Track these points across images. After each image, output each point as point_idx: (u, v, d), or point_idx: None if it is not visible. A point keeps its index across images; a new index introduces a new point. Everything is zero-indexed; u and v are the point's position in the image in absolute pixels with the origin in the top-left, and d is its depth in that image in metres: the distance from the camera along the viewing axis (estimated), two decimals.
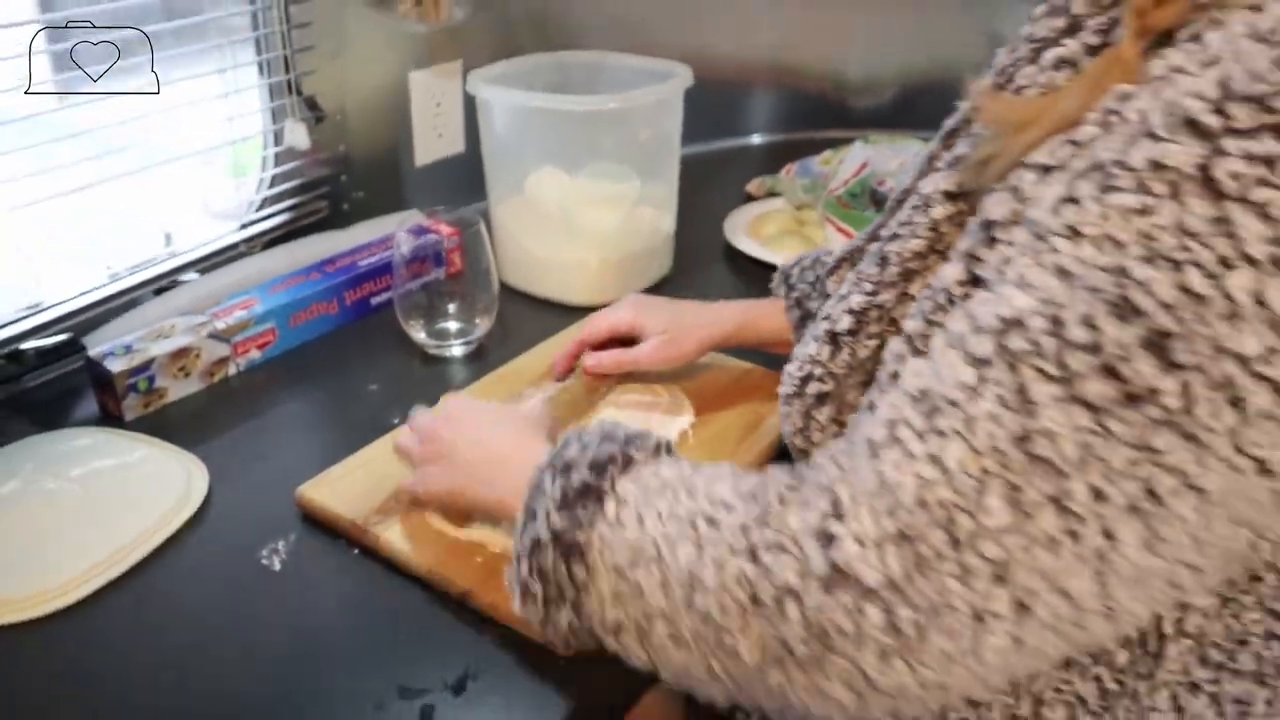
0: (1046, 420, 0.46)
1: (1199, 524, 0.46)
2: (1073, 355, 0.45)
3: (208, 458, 0.91)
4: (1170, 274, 0.43)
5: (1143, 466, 0.45)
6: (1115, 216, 0.45)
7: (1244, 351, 0.42)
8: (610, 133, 1.19)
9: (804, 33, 1.67)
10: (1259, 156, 0.42)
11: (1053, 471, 0.46)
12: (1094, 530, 0.46)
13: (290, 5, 1.18)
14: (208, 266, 1.18)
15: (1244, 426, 0.44)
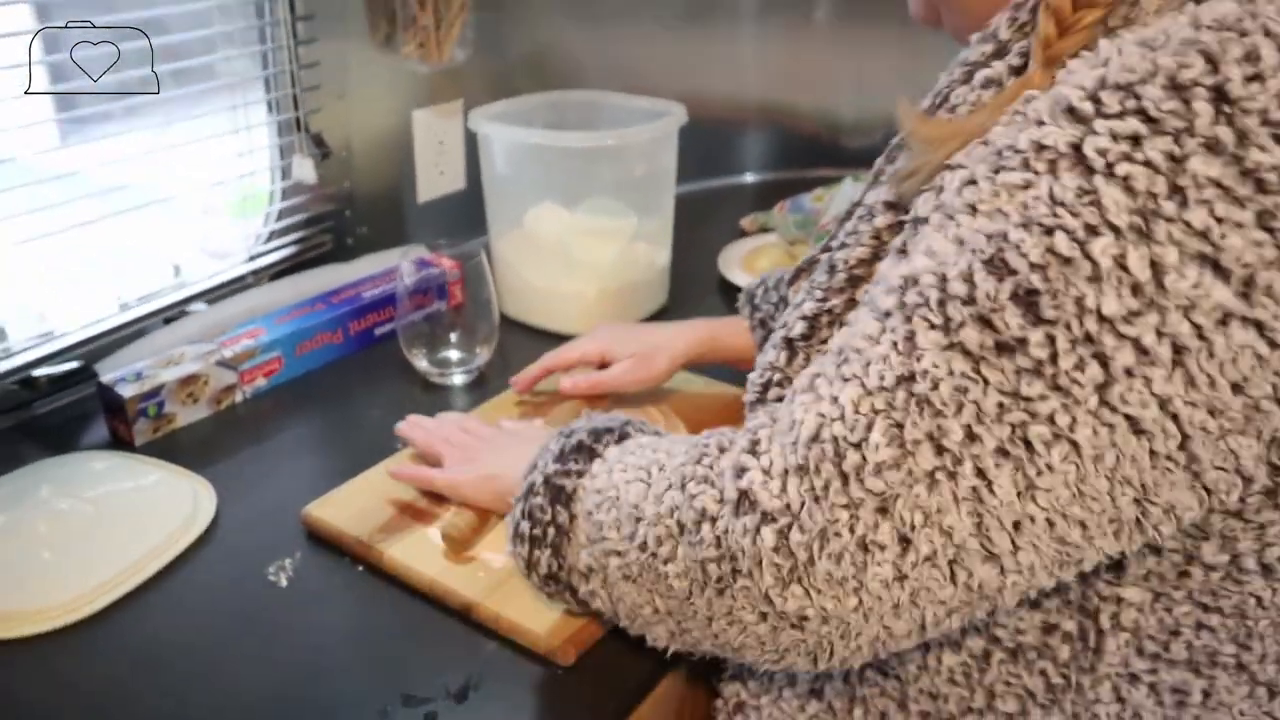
0: (928, 363, 0.50)
1: (1074, 475, 0.49)
2: (953, 306, 0.50)
3: (216, 480, 0.94)
4: (1041, 237, 0.48)
5: (1012, 412, 0.49)
6: (1004, 192, 0.50)
7: (1105, 311, 0.47)
8: (607, 169, 1.23)
9: (795, 74, 1.72)
10: (1124, 135, 0.46)
11: (931, 411, 0.50)
12: (969, 469, 0.50)
13: (299, 47, 1.22)
14: (215, 297, 1.22)
15: (1111, 383, 0.47)
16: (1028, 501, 0.50)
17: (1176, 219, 0.46)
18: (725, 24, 1.69)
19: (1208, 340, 0.47)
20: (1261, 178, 0.45)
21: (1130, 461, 0.49)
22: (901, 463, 0.51)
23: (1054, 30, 0.55)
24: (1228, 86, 0.45)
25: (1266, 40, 0.46)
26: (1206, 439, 0.49)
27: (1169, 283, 0.46)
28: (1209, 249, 0.45)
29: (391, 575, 0.82)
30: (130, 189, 1.13)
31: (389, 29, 1.27)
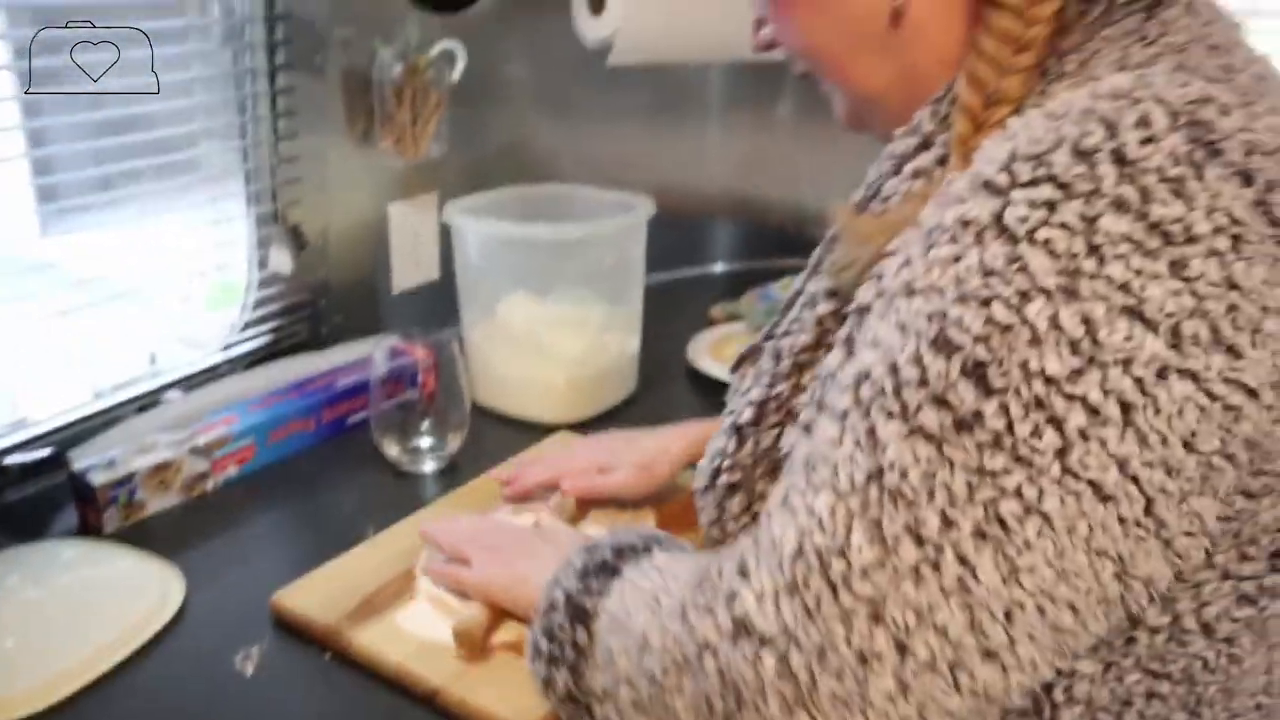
0: (893, 454, 0.51)
1: (1053, 552, 0.50)
2: (907, 391, 0.51)
3: (185, 567, 0.94)
4: (979, 309, 0.50)
5: (982, 490, 0.50)
6: (936, 268, 0.52)
7: (1050, 371, 0.49)
8: (577, 260, 1.26)
9: (761, 167, 1.78)
10: (1039, 201, 0.50)
11: (905, 503, 0.51)
12: (951, 558, 0.50)
13: (280, 142, 1.25)
14: (190, 386, 1.23)
15: (1069, 447, 0.49)
16: (1014, 586, 0.50)
17: (1098, 275, 0.49)
18: (692, 119, 1.75)
19: (1151, 395, 0.49)
20: (1167, 230, 0.49)
21: (1103, 530, 0.50)
22: (885, 561, 0.51)
23: (969, 128, 0.59)
24: (1125, 149, 0.49)
25: (1157, 106, 0.50)
26: (1169, 501, 0.50)
27: (1102, 337, 0.48)
28: (1133, 301, 0.48)
29: (360, 663, 0.82)
30: (109, 279, 1.15)
31: (367, 125, 1.31)
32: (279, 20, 1.23)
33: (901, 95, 0.67)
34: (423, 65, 1.30)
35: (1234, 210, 0.49)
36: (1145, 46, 0.57)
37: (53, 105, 1.11)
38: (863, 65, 0.67)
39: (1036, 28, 0.59)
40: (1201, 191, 0.49)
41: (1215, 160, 0.50)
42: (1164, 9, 0.59)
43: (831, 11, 0.66)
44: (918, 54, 0.65)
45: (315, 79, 1.26)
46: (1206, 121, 0.50)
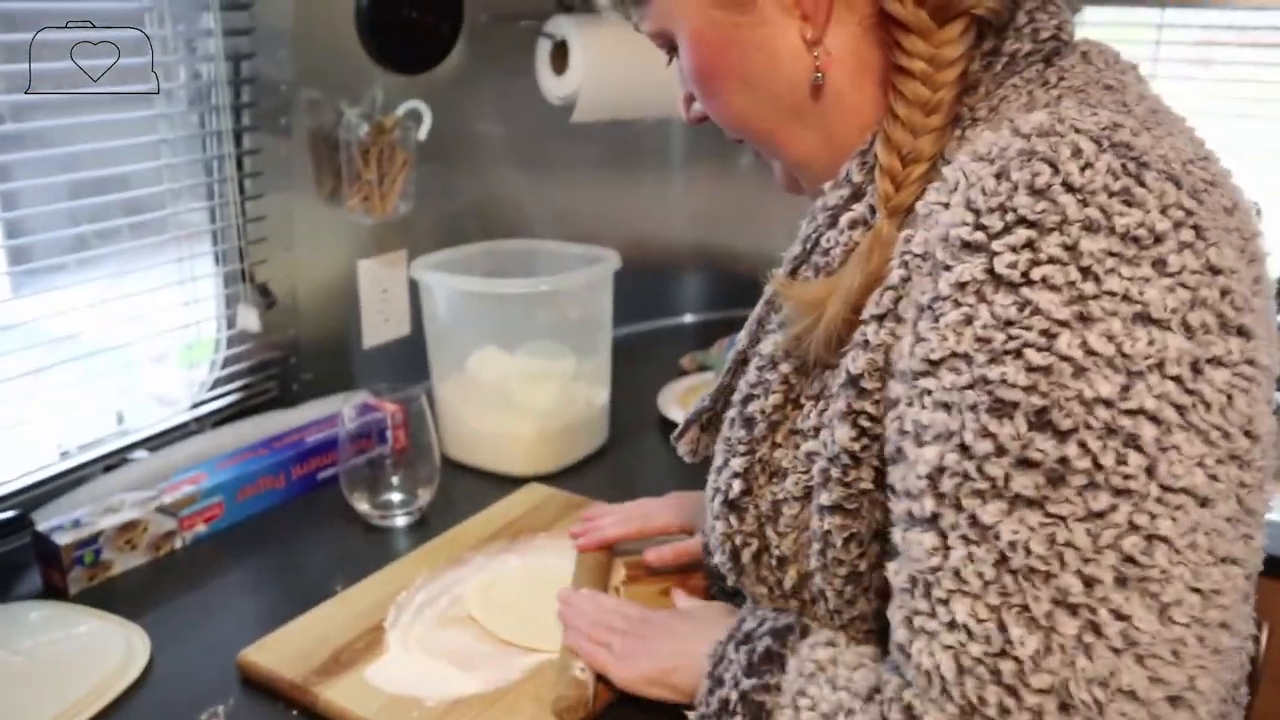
0: (1008, 534, 0.51)
1: (1188, 575, 0.50)
2: (989, 465, 0.51)
3: (151, 627, 0.93)
4: (1014, 361, 0.51)
5: (1102, 535, 0.50)
6: (951, 335, 0.53)
7: (1104, 395, 0.50)
8: (545, 313, 1.27)
9: (726, 217, 1.80)
10: (1020, 245, 0.52)
11: (1041, 576, 0.50)
12: (1107, 616, 0.50)
13: (246, 201, 1.27)
14: (158, 444, 1.22)
15: (1154, 463, 0.50)
16: (1170, 624, 0.50)
17: (1100, 293, 0.51)
18: (656, 172, 1.78)
19: (1195, 392, 0.51)
20: (1135, 235, 0.52)
21: (1218, 536, 0.51)
22: (1050, 643, 0.50)
23: (891, 187, 0.63)
24: (1071, 179, 0.53)
25: (1080, 136, 0.54)
26: (1254, 494, 0.52)
27: (1128, 349, 0.51)
28: (1139, 307, 0.51)
29: (327, 719, 0.81)
30: (78, 338, 1.15)
31: (334, 184, 1.33)
32: (245, 83, 1.25)
33: (826, 159, 0.70)
34: (389, 125, 1.32)
35: (1183, 202, 0.53)
36: (1048, 90, 0.62)
37: (23, 168, 1.12)
38: (789, 134, 0.71)
39: (943, 91, 0.62)
40: (1148, 195, 0.52)
41: (1147, 169, 0.53)
42: (1061, 58, 0.64)
43: (755, 89, 0.69)
44: (838, 120, 0.69)
45: (282, 140, 1.27)
46: (1125, 142, 0.54)
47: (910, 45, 0.63)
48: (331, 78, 1.29)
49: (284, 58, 1.23)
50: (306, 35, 1.24)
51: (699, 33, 0.69)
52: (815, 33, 0.66)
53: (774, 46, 0.67)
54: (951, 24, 0.62)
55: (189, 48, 1.20)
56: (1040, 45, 0.63)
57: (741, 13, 0.67)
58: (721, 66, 0.69)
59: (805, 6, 0.65)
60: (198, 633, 0.94)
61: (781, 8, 0.66)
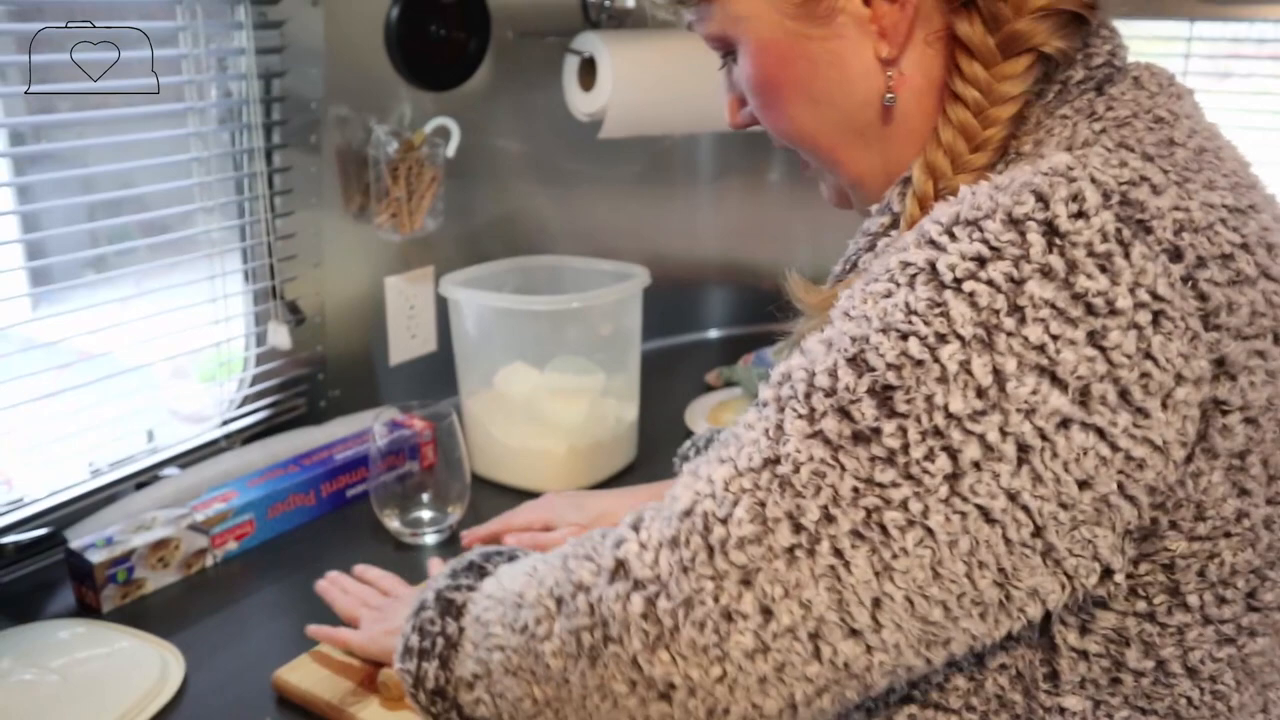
0: (791, 448, 0.55)
1: (930, 559, 0.53)
2: (817, 397, 0.55)
3: (184, 646, 0.93)
4: (897, 341, 0.53)
5: (866, 497, 0.53)
6: (870, 301, 0.55)
7: (953, 408, 0.51)
8: (574, 330, 1.27)
9: (753, 232, 1.80)
10: (970, 256, 0.53)
11: (792, 492, 0.54)
12: (826, 548, 0.53)
13: (276, 219, 1.27)
14: (188, 462, 1.22)
15: (960, 475, 0.52)
16: (885, 581, 0.53)
17: (1015, 333, 0.51)
18: (684, 187, 1.78)
19: (1050, 441, 0.51)
20: (1090, 302, 0.51)
21: (986, 547, 0.53)
22: (762, 538, 0.54)
23: (919, 213, 0.62)
24: (1056, 221, 0.52)
25: (1091, 185, 0.53)
26: (1059, 528, 0.53)
27: (1009, 388, 0.51)
28: (1045, 361, 0.51)
29: None
30: (108, 356, 1.15)
31: (363, 201, 1.33)
32: (275, 101, 1.25)
33: (882, 179, 0.69)
34: (418, 142, 1.32)
35: (1158, 288, 0.52)
36: (1092, 123, 0.60)
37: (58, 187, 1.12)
38: (849, 152, 0.69)
39: (992, 130, 0.61)
40: (1127, 268, 0.52)
41: (1145, 238, 0.53)
42: (1113, 85, 0.62)
43: (820, 104, 0.67)
44: (898, 142, 0.67)
45: (311, 157, 1.28)
46: (1138, 201, 0.54)
47: (969, 70, 0.61)
48: (361, 95, 1.30)
49: (314, 75, 1.24)
50: (336, 53, 1.25)
51: (767, 42, 0.66)
52: (892, 51, 0.64)
53: (845, 62, 0.65)
54: (1016, 59, 0.60)
55: (220, 66, 1.21)
56: (1093, 72, 0.62)
57: (817, 25, 0.65)
58: (787, 79, 0.67)
59: (883, 23, 0.63)
60: (232, 651, 0.94)
61: (858, 23, 0.64)
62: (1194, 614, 0.57)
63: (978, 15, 0.61)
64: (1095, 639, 0.58)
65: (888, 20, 0.63)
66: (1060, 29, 0.60)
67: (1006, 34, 0.60)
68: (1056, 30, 0.60)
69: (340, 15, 1.23)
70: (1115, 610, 0.57)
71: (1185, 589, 0.56)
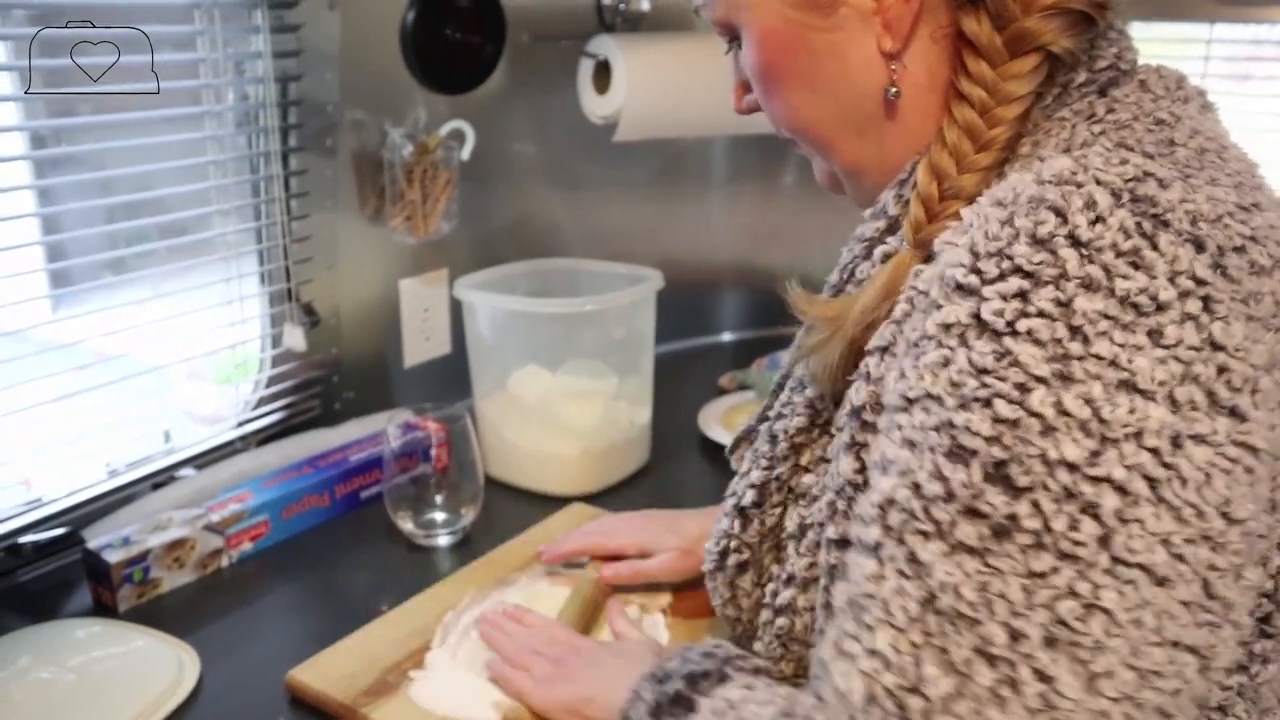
0: (941, 575, 0.50)
1: (1128, 651, 0.48)
2: (937, 508, 0.50)
3: (200, 645, 0.94)
4: (982, 410, 0.50)
5: (1038, 594, 0.48)
6: (928, 375, 0.52)
7: (1070, 458, 0.48)
8: (588, 333, 1.27)
9: (766, 236, 1.80)
10: (1011, 294, 0.50)
11: (967, 622, 0.49)
12: (1028, 674, 0.48)
13: (292, 222, 1.28)
14: (204, 463, 1.23)
15: (1111, 534, 0.48)
16: (1096, 695, 0.48)
17: (1086, 355, 0.49)
18: (697, 191, 1.78)
19: (1172, 466, 0.48)
20: (1135, 301, 0.49)
21: (1170, 619, 0.49)
22: (963, 689, 0.49)
23: (923, 216, 0.61)
24: (1078, 232, 0.50)
25: (1099, 188, 0.52)
26: (1225, 579, 0.49)
27: (1106, 415, 0.48)
28: (1125, 374, 0.49)
29: None
30: (125, 358, 1.16)
31: (378, 204, 1.34)
32: (292, 105, 1.26)
33: (876, 172, 0.68)
34: (432, 145, 1.33)
35: (1196, 271, 0.50)
36: (1091, 125, 0.59)
37: (76, 190, 1.13)
38: (846, 143, 0.68)
39: (998, 129, 0.60)
40: (1159, 259, 0.50)
41: (1165, 230, 0.51)
42: (1117, 87, 0.61)
43: (820, 94, 0.67)
44: (897, 137, 0.66)
45: (327, 160, 1.28)
46: (1148, 196, 0.52)
47: (975, 69, 0.60)
48: (376, 98, 1.30)
49: (330, 79, 1.24)
50: (353, 57, 1.25)
51: (769, 30, 0.66)
52: (895, 45, 0.63)
53: (846, 54, 0.65)
54: (1024, 58, 0.59)
55: (238, 70, 1.21)
56: (1096, 75, 0.61)
57: (819, 16, 0.64)
58: (788, 67, 0.67)
59: (887, 16, 0.62)
60: (246, 651, 0.94)
61: (861, 15, 0.63)
62: None
63: (985, 13, 0.60)
64: None
65: (892, 13, 0.62)
66: (1069, 28, 0.59)
67: (1014, 32, 0.59)
68: (1065, 29, 0.59)
69: (356, 19, 1.24)
70: None
71: None
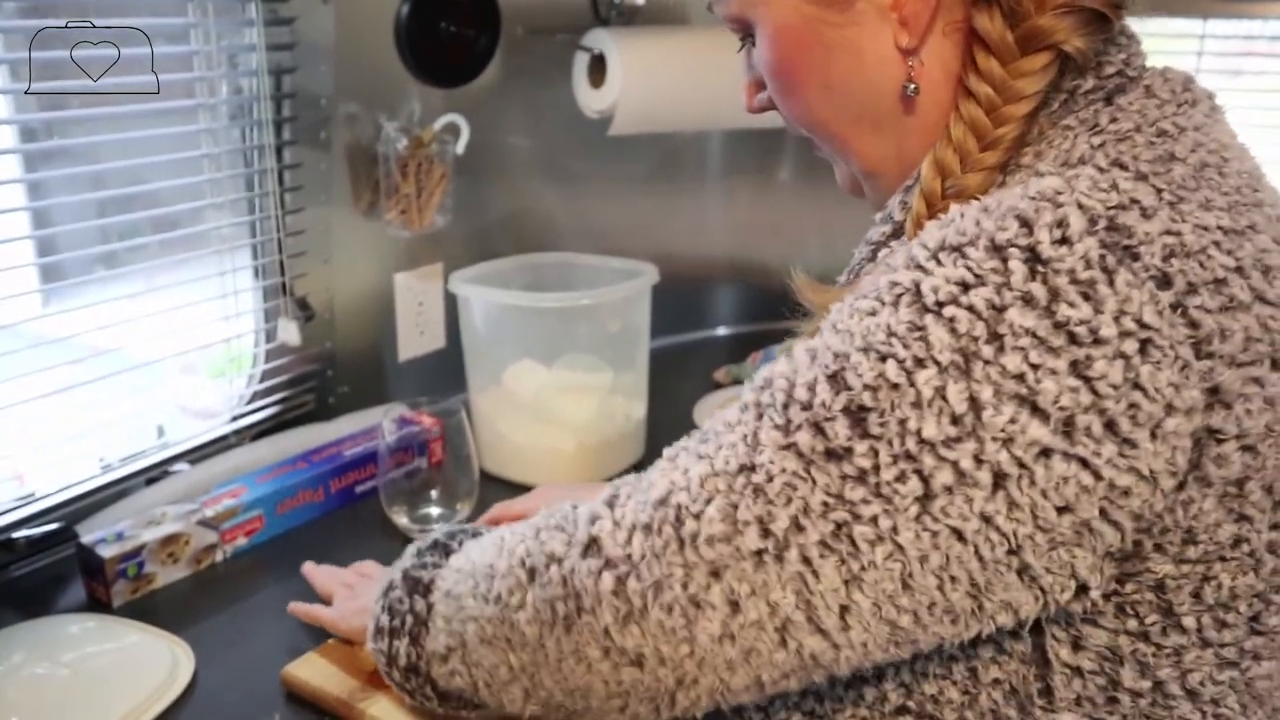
0: (765, 458, 0.56)
1: (900, 571, 0.53)
2: (794, 409, 0.55)
3: (194, 641, 0.93)
4: (875, 362, 0.53)
5: (836, 511, 0.54)
6: (855, 315, 0.55)
7: (926, 434, 0.52)
8: (583, 327, 1.27)
9: (761, 230, 1.80)
10: (954, 281, 0.52)
11: (763, 499, 0.55)
12: (794, 556, 0.55)
13: (286, 215, 1.27)
14: (198, 457, 1.23)
15: (931, 497, 0.52)
16: (854, 590, 0.54)
17: (994, 361, 0.51)
18: (693, 185, 1.77)
19: (1028, 469, 0.51)
20: (1073, 330, 0.50)
21: (958, 563, 0.53)
22: (731, 538, 0.56)
23: (925, 211, 0.62)
24: (1039, 248, 0.51)
25: (1077, 211, 0.52)
26: (1036, 549, 0.53)
27: (985, 417, 0.51)
28: (1025, 391, 0.51)
29: None
30: (118, 352, 1.15)
31: (372, 197, 1.33)
32: (286, 98, 1.25)
33: (895, 171, 0.68)
34: (427, 138, 1.32)
35: (1144, 316, 0.51)
36: (1092, 136, 0.58)
37: (68, 184, 1.13)
38: (862, 141, 0.68)
39: (1005, 128, 0.60)
40: (1111, 296, 0.51)
41: (1131, 265, 0.51)
42: (1123, 94, 0.60)
43: (836, 91, 0.66)
44: (913, 134, 0.66)
45: (321, 154, 1.28)
46: (1125, 226, 0.52)
47: (985, 65, 0.60)
48: (371, 92, 1.30)
49: (325, 72, 1.24)
50: (347, 50, 1.25)
51: (784, 26, 0.66)
52: (912, 41, 0.63)
53: (861, 50, 0.64)
54: (1035, 56, 0.59)
55: (231, 63, 1.21)
56: (1103, 82, 0.60)
57: (835, 11, 0.64)
58: (803, 64, 0.66)
59: (904, 12, 0.62)
60: (241, 647, 0.94)
61: (878, 11, 0.63)
62: (1190, 636, 0.57)
63: (998, 9, 0.60)
64: (1089, 656, 0.57)
65: (909, 9, 0.62)
66: (1081, 27, 0.59)
67: (1026, 30, 0.59)
68: (1078, 28, 0.59)
69: (351, 12, 1.23)
70: (1106, 628, 0.57)
71: (1180, 610, 0.56)
